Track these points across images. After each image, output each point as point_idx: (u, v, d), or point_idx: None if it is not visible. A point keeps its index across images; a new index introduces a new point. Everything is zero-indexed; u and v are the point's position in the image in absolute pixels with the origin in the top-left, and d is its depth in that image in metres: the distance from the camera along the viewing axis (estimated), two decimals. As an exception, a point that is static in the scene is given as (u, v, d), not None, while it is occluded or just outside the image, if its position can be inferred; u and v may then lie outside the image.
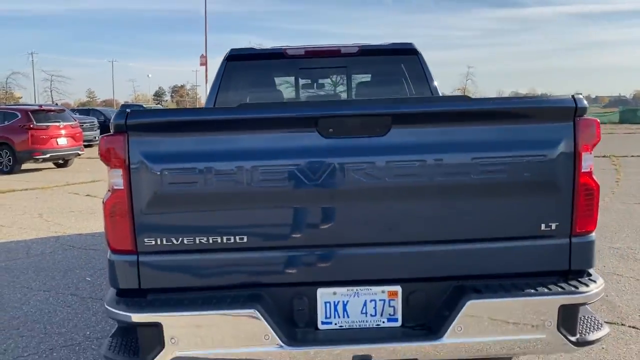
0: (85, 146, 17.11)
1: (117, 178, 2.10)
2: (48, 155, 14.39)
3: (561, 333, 2.15)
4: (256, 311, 2.06)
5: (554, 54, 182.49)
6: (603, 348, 3.37)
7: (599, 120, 2.23)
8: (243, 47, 4.42)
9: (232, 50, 4.35)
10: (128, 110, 2.07)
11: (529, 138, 2.14)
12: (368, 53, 4.35)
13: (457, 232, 2.18)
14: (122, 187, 2.09)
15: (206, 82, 40.05)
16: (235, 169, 2.07)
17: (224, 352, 2.10)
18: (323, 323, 2.21)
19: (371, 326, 2.22)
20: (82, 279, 5.02)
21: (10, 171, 14.00)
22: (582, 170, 2.17)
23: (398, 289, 2.20)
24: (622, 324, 3.73)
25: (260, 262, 2.17)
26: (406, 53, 4.35)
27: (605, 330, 2.30)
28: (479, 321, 2.12)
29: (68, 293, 4.63)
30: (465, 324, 2.10)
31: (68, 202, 9.46)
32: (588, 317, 2.37)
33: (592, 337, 2.23)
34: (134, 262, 2.14)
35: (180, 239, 2.12)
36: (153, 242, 2.12)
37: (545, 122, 2.16)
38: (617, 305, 4.05)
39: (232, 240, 2.12)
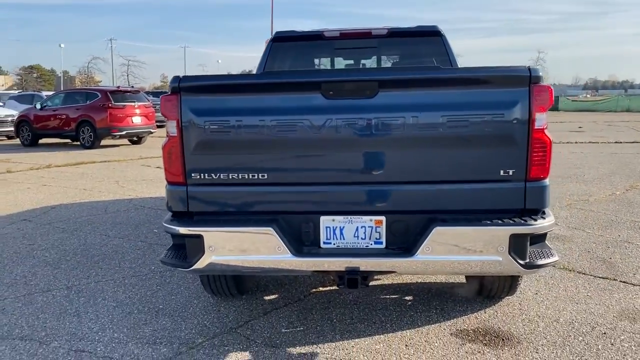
0: (158, 126, 18.43)
1: (172, 128, 2.81)
2: (124, 132, 15.75)
3: (512, 257, 2.68)
4: (271, 229, 2.73)
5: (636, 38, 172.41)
6: (588, 295, 3.83)
7: (549, 87, 2.73)
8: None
9: (277, 32, 5.01)
10: (181, 75, 2.78)
11: (491, 100, 2.68)
12: (396, 34, 4.89)
13: (431, 175, 2.75)
14: (176, 134, 2.81)
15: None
16: (258, 122, 2.74)
17: (247, 258, 2.79)
18: (324, 243, 2.86)
19: (361, 247, 2.84)
20: (150, 230, 5.88)
21: (91, 146, 15.43)
22: (535, 127, 2.68)
23: (383, 218, 2.81)
24: (614, 279, 4.14)
25: (276, 194, 2.84)
26: (431, 34, 4.86)
27: (554, 258, 2.81)
28: (444, 244, 2.69)
29: (138, 240, 5.50)
30: (432, 246, 2.69)
31: (141, 172, 10.55)
32: (545, 250, 2.88)
33: (540, 262, 2.75)
34: (184, 191, 2.86)
35: (218, 174, 2.81)
36: (198, 177, 2.83)
37: (505, 87, 2.68)
38: (617, 266, 4.44)
39: (256, 177, 2.79)
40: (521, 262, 2.70)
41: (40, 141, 17.00)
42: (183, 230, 2.81)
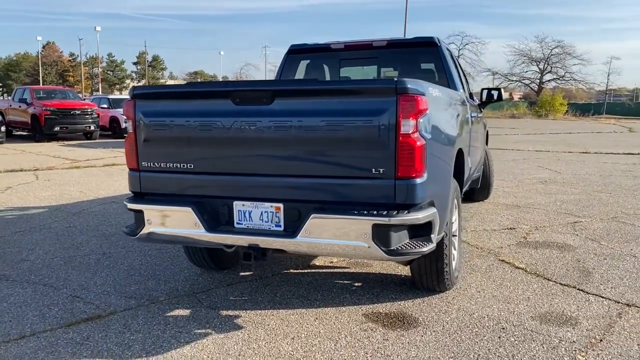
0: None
1: (130, 126, 3.62)
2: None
3: (375, 243, 3.07)
4: (190, 208, 3.41)
5: None
6: (528, 297, 3.96)
7: (421, 97, 3.06)
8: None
9: (292, 45, 5.68)
10: (132, 87, 3.58)
11: (363, 108, 3.09)
12: (394, 45, 5.30)
13: (315, 170, 3.23)
14: (132, 131, 3.61)
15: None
16: (185, 122, 3.43)
17: (174, 231, 3.50)
18: (237, 223, 3.46)
19: (265, 228, 3.39)
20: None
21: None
22: (402, 132, 3.04)
23: (281, 205, 3.34)
24: (575, 287, 4.17)
25: (199, 181, 3.50)
26: (427, 45, 5.18)
27: (422, 249, 3.13)
28: (319, 229, 3.16)
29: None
30: (309, 230, 3.17)
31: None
32: (422, 242, 3.20)
33: (405, 251, 3.10)
34: (138, 176, 3.65)
35: (159, 163, 3.56)
36: (147, 165, 3.60)
37: (375, 97, 3.08)
38: (594, 276, 4.42)
39: (185, 167, 3.49)
40: (384, 249, 3.07)
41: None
42: (130, 206, 3.61)
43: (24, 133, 21.38)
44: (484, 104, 6.84)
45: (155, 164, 3.58)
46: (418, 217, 3.13)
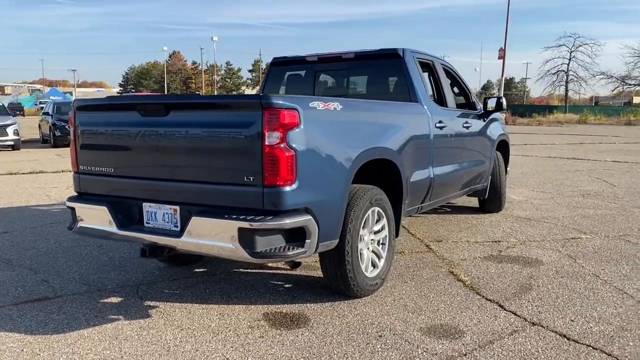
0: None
1: (72, 134, 4.17)
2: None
3: (241, 246, 3.32)
4: (105, 208, 3.87)
5: None
6: (435, 309, 3.96)
7: (288, 111, 3.27)
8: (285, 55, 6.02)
9: (274, 58, 6.02)
10: (74, 99, 4.12)
11: (236, 120, 3.37)
12: (361, 57, 5.45)
13: (200, 177, 3.55)
14: (73, 139, 4.15)
15: (502, 76, 39.77)
16: (104, 131, 3.91)
17: (96, 227, 3.98)
18: (146, 223, 3.86)
19: (167, 228, 3.76)
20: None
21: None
22: (266, 144, 3.27)
23: (177, 208, 3.69)
24: (494, 302, 4.10)
25: (116, 183, 3.95)
26: (390, 57, 5.27)
27: (287, 253, 3.33)
28: (198, 230, 3.48)
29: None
30: (191, 230, 3.50)
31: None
32: (292, 247, 3.40)
33: (270, 254, 3.32)
34: (78, 178, 4.19)
35: (90, 167, 4.07)
36: (83, 168, 4.13)
37: (245, 110, 3.34)
38: (530, 293, 4.30)
39: (105, 170, 3.97)
40: (249, 251, 3.31)
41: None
42: (67, 204, 4.15)
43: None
44: (488, 113, 6.72)
45: (89, 167, 4.09)
46: (285, 222, 3.33)
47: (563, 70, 58.61)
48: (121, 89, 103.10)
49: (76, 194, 4.25)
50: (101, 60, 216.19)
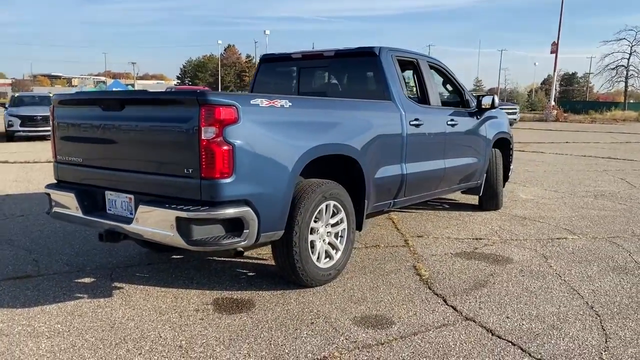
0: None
1: (51, 126, 4.53)
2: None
3: (179, 234, 3.57)
4: (73, 194, 4.20)
5: None
6: (379, 301, 4.10)
7: (225, 107, 3.48)
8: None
9: (263, 55, 6.24)
10: (54, 94, 4.48)
11: (176, 115, 3.61)
12: (341, 55, 5.59)
13: (148, 168, 3.82)
14: (52, 130, 4.52)
15: (554, 70, 38.50)
16: (74, 123, 4.25)
17: (66, 212, 4.32)
18: (108, 210, 4.17)
19: (124, 215, 4.05)
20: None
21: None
22: (202, 138, 3.50)
23: (132, 196, 3.98)
24: (441, 297, 4.19)
25: (83, 172, 4.28)
26: (367, 55, 5.39)
27: (221, 242, 3.55)
28: (144, 217, 3.75)
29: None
30: (138, 218, 3.77)
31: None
32: (229, 236, 3.62)
33: (206, 242, 3.55)
34: (56, 166, 4.55)
35: (64, 157, 4.42)
36: (60, 157, 4.49)
37: (185, 106, 3.58)
38: (483, 290, 4.36)
39: (75, 159, 4.31)
40: (185, 239, 3.55)
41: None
42: (45, 190, 4.52)
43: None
44: (482, 110, 6.73)
45: (64, 157, 4.44)
46: (221, 212, 3.55)
47: (623, 65, 56.17)
48: (178, 81, 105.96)
49: (55, 182, 4.62)
50: (161, 53, 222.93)
